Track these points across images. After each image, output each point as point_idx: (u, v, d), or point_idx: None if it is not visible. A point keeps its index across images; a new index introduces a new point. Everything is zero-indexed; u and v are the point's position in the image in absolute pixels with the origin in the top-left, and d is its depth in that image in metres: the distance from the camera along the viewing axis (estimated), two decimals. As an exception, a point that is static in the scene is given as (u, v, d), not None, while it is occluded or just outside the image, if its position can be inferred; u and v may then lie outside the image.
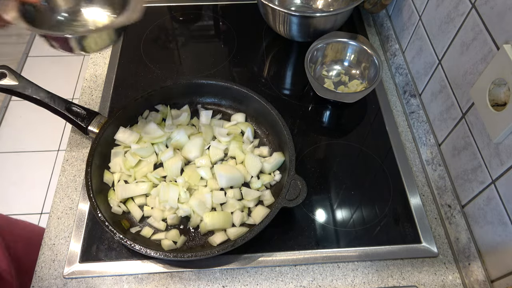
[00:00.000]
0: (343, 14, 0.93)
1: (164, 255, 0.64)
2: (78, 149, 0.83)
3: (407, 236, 0.73)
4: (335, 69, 0.96)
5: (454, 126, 0.73)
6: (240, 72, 0.99)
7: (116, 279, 0.68)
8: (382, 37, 1.04)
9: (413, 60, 0.89)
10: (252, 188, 0.75)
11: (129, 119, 0.81)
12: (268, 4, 0.91)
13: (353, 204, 0.77)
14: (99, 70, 0.97)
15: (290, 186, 0.69)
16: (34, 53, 2.45)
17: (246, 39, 1.04)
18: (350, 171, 0.81)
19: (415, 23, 0.87)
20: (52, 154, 2.02)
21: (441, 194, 0.77)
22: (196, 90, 0.85)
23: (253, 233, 0.65)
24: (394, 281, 0.69)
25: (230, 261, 0.69)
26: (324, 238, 0.72)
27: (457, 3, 0.70)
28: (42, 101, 0.77)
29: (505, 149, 0.58)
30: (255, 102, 0.81)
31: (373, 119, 0.89)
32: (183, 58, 1.02)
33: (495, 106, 0.59)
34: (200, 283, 0.68)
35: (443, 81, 0.76)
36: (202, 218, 0.71)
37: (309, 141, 0.85)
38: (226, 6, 1.13)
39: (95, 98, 0.91)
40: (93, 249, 0.70)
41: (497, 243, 0.62)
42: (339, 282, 0.69)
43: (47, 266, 0.69)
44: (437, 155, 0.78)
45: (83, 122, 0.78)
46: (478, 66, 0.64)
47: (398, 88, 0.95)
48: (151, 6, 1.11)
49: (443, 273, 0.70)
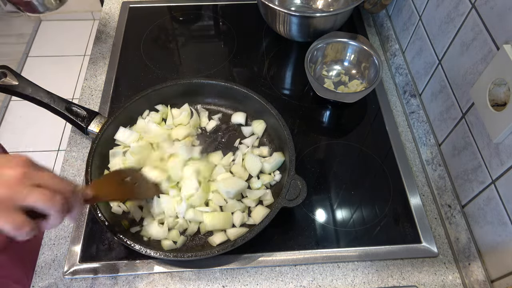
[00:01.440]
0: (343, 14, 0.93)
1: (164, 255, 0.64)
2: (78, 149, 0.83)
3: (407, 236, 0.73)
4: (335, 69, 0.96)
5: (454, 126, 0.73)
6: (240, 72, 0.99)
7: (116, 279, 0.68)
8: (382, 37, 1.04)
9: (413, 60, 0.89)
10: (252, 188, 0.75)
11: (129, 119, 0.81)
12: (268, 4, 0.91)
13: (353, 204, 0.77)
14: (99, 70, 0.97)
15: (290, 186, 0.69)
16: (34, 53, 2.45)
17: (246, 39, 1.04)
18: (350, 171, 0.81)
19: (415, 23, 0.87)
20: (52, 154, 2.02)
21: (441, 194, 0.77)
22: (196, 90, 0.85)
23: (253, 233, 0.65)
24: (394, 281, 0.69)
25: (230, 261, 0.69)
26: (324, 238, 0.72)
27: (457, 3, 0.70)
28: (42, 101, 0.77)
29: (505, 149, 0.58)
30: (255, 102, 0.81)
31: (373, 119, 0.89)
32: (183, 58, 1.02)
33: (495, 106, 0.59)
34: (200, 283, 0.68)
35: (443, 81, 0.76)
36: (201, 221, 0.71)
37: (309, 141, 0.85)
38: (226, 6, 1.13)
39: (95, 98, 0.91)
40: (93, 249, 0.70)
41: (497, 243, 0.62)
42: (339, 282, 0.69)
43: (47, 266, 0.69)
44: (437, 155, 0.78)
45: (83, 122, 0.78)
46: (478, 66, 0.64)
47: (398, 88, 0.95)
48: (151, 6, 1.11)
49: (443, 273, 0.70)
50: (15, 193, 0.45)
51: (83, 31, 2.57)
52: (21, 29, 2.57)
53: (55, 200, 0.47)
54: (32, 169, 0.47)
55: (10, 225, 0.44)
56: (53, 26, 2.60)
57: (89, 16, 2.62)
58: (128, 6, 1.11)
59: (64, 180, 0.51)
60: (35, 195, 0.46)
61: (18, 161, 0.47)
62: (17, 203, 0.45)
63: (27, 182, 0.46)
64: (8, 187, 0.44)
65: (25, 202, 0.45)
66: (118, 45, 1.01)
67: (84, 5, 2.54)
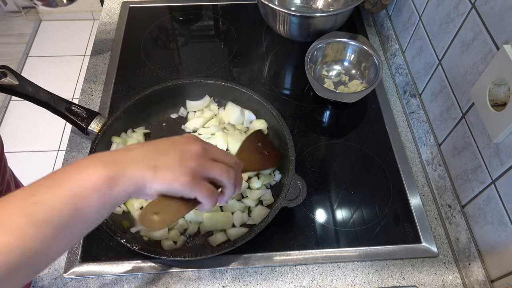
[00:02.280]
0: (343, 14, 0.93)
1: (164, 255, 0.64)
2: (78, 149, 0.83)
3: (407, 236, 0.73)
4: (335, 69, 0.96)
5: (454, 126, 0.73)
6: (240, 72, 0.99)
7: (116, 279, 0.68)
8: (382, 37, 1.04)
9: (413, 60, 0.89)
10: (252, 188, 0.75)
11: (129, 120, 0.81)
12: (268, 4, 0.91)
13: (353, 204, 0.77)
14: (99, 70, 0.97)
15: (290, 186, 0.69)
16: (34, 53, 2.45)
17: (246, 39, 1.04)
18: (350, 171, 0.81)
19: (415, 23, 0.87)
20: (52, 154, 2.02)
21: (441, 194, 0.77)
22: (196, 90, 0.85)
23: (253, 233, 0.65)
24: (394, 281, 0.69)
25: (230, 261, 0.69)
26: (324, 238, 0.72)
27: (457, 3, 0.70)
28: (42, 101, 0.77)
29: (505, 149, 0.58)
30: (255, 102, 0.81)
31: (373, 119, 0.89)
32: (183, 58, 1.02)
33: (495, 106, 0.59)
34: (200, 283, 0.68)
35: (443, 81, 0.76)
36: (201, 221, 0.71)
37: (309, 141, 0.85)
38: (226, 6, 1.13)
39: (95, 98, 0.91)
40: (93, 249, 0.70)
41: (497, 243, 0.62)
42: (339, 282, 0.69)
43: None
44: (437, 155, 0.78)
45: (83, 122, 0.78)
46: (478, 66, 0.64)
47: (398, 88, 0.95)
48: (151, 6, 1.11)
49: (443, 273, 0.70)
50: (202, 166, 0.49)
51: (83, 31, 2.57)
52: (21, 29, 2.57)
53: (231, 173, 0.52)
54: (206, 145, 0.52)
55: (205, 193, 0.49)
56: (53, 26, 2.60)
57: (89, 16, 2.62)
58: (128, 6, 1.11)
59: (230, 154, 0.56)
60: (218, 168, 0.51)
61: (195, 138, 0.52)
62: (206, 174, 0.50)
63: (208, 156, 0.51)
64: (197, 160, 0.49)
65: (211, 174, 0.50)
66: (118, 45, 1.01)
67: (84, 5, 2.54)
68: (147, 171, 0.46)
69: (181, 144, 0.50)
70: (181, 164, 0.47)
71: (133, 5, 1.11)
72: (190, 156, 0.49)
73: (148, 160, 0.47)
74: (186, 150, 0.49)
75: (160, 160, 0.47)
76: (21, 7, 2.59)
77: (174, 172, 0.47)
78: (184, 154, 0.49)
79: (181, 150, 0.49)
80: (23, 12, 2.61)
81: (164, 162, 0.47)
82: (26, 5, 2.57)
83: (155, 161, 0.47)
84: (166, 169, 0.46)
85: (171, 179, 0.46)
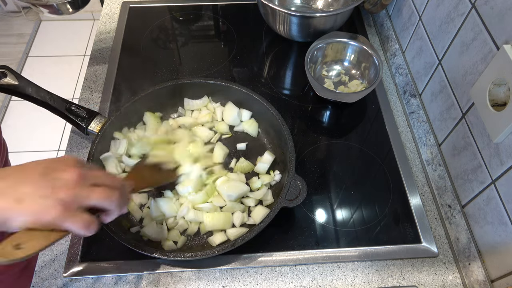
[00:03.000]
0: (343, 14, 0.93)
1: (164, 255, 0.64)
2: (78, 149, 0.83)
3: (407, 236, 0.73)
4: (335, 69, 0.96)
5: (454, 126, 0.73)
6: (240, 72, 0.99)
7: (116, 279, 0.68)
8: (382, 37, 1.04)
9: (413, 60, 0.89)
10: (252, 188, 0.75)
11: (129, 120, 0.81)
12: (268, 4, 0.91)
13: (353, 204, 0.77)
14: (99, 70, 0.97)
15: (290, 186, 0.69)
16: (34, 53, 2.45)
17: (246, 39, 1.04)
18: (350, 171, 0.81)
19: (415, 23, 0.87)
20: (52, 154, 2.02)
21: (441, 194, 0.77)
22: (196, 90, 0.85)
23: (253, 233, 0.65)
24: (394, 281, 0.69)
25: (230, 261, 0.69)
26: (324, 238, 0.72)
27: (457, 3, 0.70)
28: (42, 101, 0.77)
29: (505, 149, 0.58)
30: (255, 102, 0.81)
31: (373, 119, 0.89)
32: (183, 58, 1.02)
33: (495, 106, 0.59)
34: (200, 283, 0.68)
35: (443, 81, 0.76)
36: (201, 221, 0.71)
37: (309, 141, 0.85)
38: (226, 6, 1.13)
39: (95, 98, 0.91)
40: (93, 249, 0.70)
41: (497, 243, 0.62)
42: (339, 282, 0.69)
43: (47, 266, 0.69)
44: (437, 155, 0.78)
45: (83, 122, 0.78)
46: (478, 66, 0.64)
47: (398, 88, 0.95)
48: (151, 6, 1.11)
49: (443, 273, 0.70)
50: (77, 195, 0.46)
51: (83, 31, 2.57)
52: (21, 29, 2.57)
53: (114, 196, 0.50)
54: (84, 169, 0.49)
55: (79, 225, 0.46)
56: (53, 26, 2.60)
57: (89, 16, 2.63)
58: (128, 6, 1.11)
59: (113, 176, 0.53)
60: (96, 195, 0.48)
61: (69, 163, 0.48)
62: (81, 204, 0.47)
63: (85, 183, 0.47)
64: (69, 190, 0.46)
65: (88, 202, 0.47)
66: (118, 45, 1.01)
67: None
68: (11, 203, 0.43)
69: (55, 171, 0.46)
70: (51, 196, 0.44)
71: (133, 5, 1.11)
72: (63, 186, 0.45)
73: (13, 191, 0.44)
74: (59, 179, 0.46)
75: (27, 191, 0.44)
76: (21, 7, 2.59)
77: (44, 204, 0.44)
78: (56, 183, 0.45)
79: (54, 179, 0.45)
80: (23, 12, 2.62)
81: (32, 193, 0.44)
82: (26, 5, 2.57)
83: (21, 193, 0.44)
84: (33, 201, 0.44)
85: (39, 211, 0.44)
